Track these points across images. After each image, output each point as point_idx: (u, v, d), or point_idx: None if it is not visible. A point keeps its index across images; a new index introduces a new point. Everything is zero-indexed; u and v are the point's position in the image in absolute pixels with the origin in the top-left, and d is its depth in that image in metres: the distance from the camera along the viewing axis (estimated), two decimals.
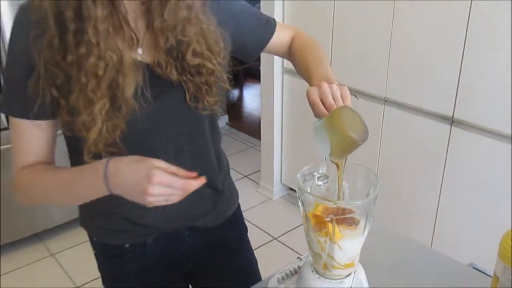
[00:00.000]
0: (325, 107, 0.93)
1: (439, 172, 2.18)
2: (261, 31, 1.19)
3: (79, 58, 0.87)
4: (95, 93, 0.88)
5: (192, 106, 1.02)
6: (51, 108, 0.93)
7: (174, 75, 0.98)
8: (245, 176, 3.37)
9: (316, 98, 0.94)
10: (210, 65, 1.00)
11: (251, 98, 4.88)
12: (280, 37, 1.21)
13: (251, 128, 3.95)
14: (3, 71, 0.98)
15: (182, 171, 0.90)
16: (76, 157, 1.00)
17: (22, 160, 1.01)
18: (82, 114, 0.90)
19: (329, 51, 2.51)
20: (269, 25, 1.20)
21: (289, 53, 1.23)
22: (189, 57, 0.98)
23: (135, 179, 0.87)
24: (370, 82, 2.37)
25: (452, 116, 2.08)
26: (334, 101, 0.93)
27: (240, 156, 3.71)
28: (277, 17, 2.71)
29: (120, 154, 0.94)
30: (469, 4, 1.90)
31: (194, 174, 0.92)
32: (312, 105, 0.94)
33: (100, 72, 0.88)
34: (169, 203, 0.89)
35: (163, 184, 0.86)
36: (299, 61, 1.17)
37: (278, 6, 2.72)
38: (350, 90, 0.99)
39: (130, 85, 0.91)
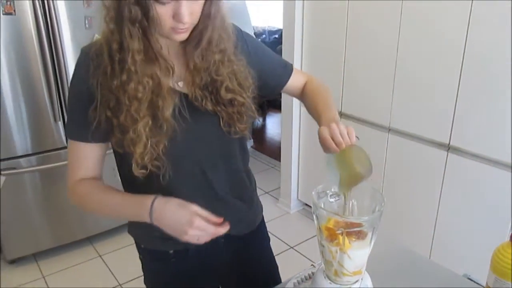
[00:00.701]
0: (334, 143, 0.93)
1: (437, 193, 2.14)
2: (281, 73, 1.20)
3: (123, 83, 0.90)
4: (138, 113, 0.92)
5: (225, 131, 1.04)
6: (105, 129, 0.96)
7: (209, 107, 1.00)
8: (266, 193, 3.37)
9: (327, 135, 0.94)
10: (241, 99, 1.02)
11: (273, 125, 4.89)
12: (295, 80, 1.21)
13: (272, 151, 3.95)
14: (67, 104, 1.03)
15: (213, 218, 0.96)
16: (126, 171, 1.02)
17: (77, 174, 1.04)
18: (129, 131, 0.92)
19: (341, 86, 2.51)
20: (287, 69, 1.21)
21: (302, 95, 1.23)
22: (222, 92, 1.00)
23: (178, 222, 0.94)
24: (376, 113, 2.35)
25: (449, 143, 2.05)
26: (342, 138, 0.93)
27: (263, 175, 3.69)
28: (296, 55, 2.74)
29: (164, 167, 0.97)
30: (464, 39, 1.88)
31: (221, 220, 0.98)
32: (323, 141, 0.94)
33: (140, 95, 0.91)
34: (199, 242, 0.96)
35: (200, 229, 0.93)
36: (310, 103, 1.17)
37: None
38: (359, 119, 0.99)
39: (168, 106, 0.94)
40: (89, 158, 1.04)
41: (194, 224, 0.92)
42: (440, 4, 1.95)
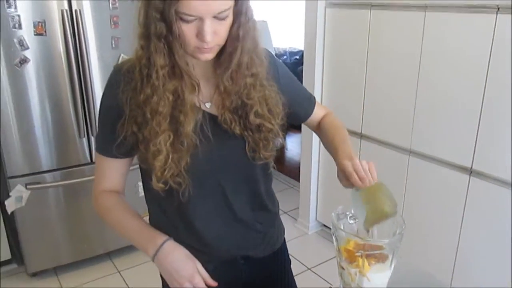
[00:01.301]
0: (358, 177, 0.95)
1: (459, 217, 2.10)
2: (306, 105, 1.21)
3: (147, 97, 0.92)
4: (159, 126, 0.93)
5: (250, 156, 1.03)
6: (131, 144, 0.98)
7: (236, 130, 1.01)
8: (285, 213, 3.36)
9: (351, 170, 0.95)
10: (269, 125, 1.02)
11: (292, 145, 4.89)
12: (316, 113, 1.22)
13: (292, 171, 3.94)
14: (98, 118, 1.06)
15: (211, 281, 1.02)
16: (149, 186, 1.04)
17: (101, 185, 1.09)
18: (151, 144, 0.94)
19: (361, 107, 2.51)
20: (312, 101, 1.22)
21: (319, 127, 1.23)
22: (251, 117, 1.00)
23: (179, 271, 0.99)
24: (397, 134, 2.34)
25: (471, 167, 2.02)
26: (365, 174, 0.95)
27: (281, 195, 3.68)
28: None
29: (184, 184, 0.97)
30: (488, 58, 1.87)
31: (215, 284, 1.03)
32: (348, 176, 0.95)
33: (161, 109, 0.92)
34: None
35: (196, 286, 0.99)
36: (326, 136, 1.17)
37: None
38: (379, 141, 0.99)
39: (189, 122, 0.94)
40: (112, 171, 1.08)
41: (194, 281, 0.98)
42: (463, 18, 1.94)
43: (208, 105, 1.01)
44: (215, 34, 0.88)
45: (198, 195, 1.03)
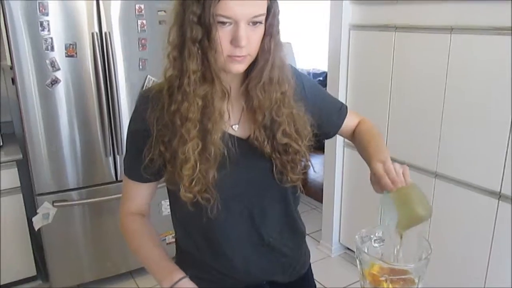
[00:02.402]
0: (389, 179, 0.92)
1: (487, 243, 2.04)
2: (336, 118, 1.19)
3: (178, 105, 0.92)
4: (188, 133, 0.92)
5: (277, 178, 1.03)
6: (158, 166, 0.99)
7: (267, 149, 1.00)
8: (308, 234, 3.31)
9: (382, 172, 0.93)
10: (296, 146, 1.01)
11: (315, 166, 4.86)
12: (349, 122, 1.21)
13: (314, 192, 3.91)
14: (126, 142, 1.08)
15: None
16: (176, 208, 1.06)
17: (127, 207, 1.10)
18: (178, 154, 0.93)
19: (386, 128, 2.49)
20: (342, 112, 1.20)
21: (353, 135, 1.21)
22: (279, 136, 0.99)
23: None
24: (423, 157, 2.30)
25: (500, 191, 1.97)
26: (397, 176, 0.92)
27: (304, 216, 3.59)
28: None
29: (213, 199, 0.96)
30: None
31: None
32: (378, 179, 0.93)
33: (191, 115, 0.92)
34: None
35: None
36: (361, 143, 1.15)
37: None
38: (404, 163, 0.98)
39: (218, 130, 0.94)
40: (138, 194, 1.09)
41: None
42: (488, 39, 1.92)
43: (235, 127, 1.01)
44: (249, 41, 0.88)
45: (225, 217, 1.02)
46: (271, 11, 0.91)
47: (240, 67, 0.91)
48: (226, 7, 0.84)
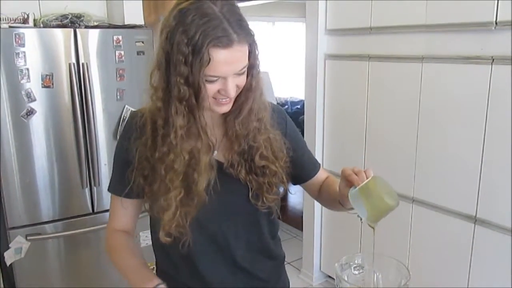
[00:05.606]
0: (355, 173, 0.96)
1: (465, 267, 2.06)
2: (311, 165, 1.20)
3: (163, 155, 0.95)
4: (172, 183, 0.95)
5: (253, 203, 1.04)
6: (138, 192, 1.01)
7: (242, 174, 1.03)
8: (288, 263, 3.28)
9: (350, 171, 0.97)
10: (273, 167, 1.04)
11: (295, 194, 4.88)
12: (320, 175, 1.21)
13: (294, 220, 3.90)
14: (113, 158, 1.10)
15: None
16: (154, 232, 1.06)
17: (113, 224, 1.13)
18: (160, 199, 0.96)
19: (362, 153, 2.52)
20: (316, 166, 1.21)
21: (319, 190, 1.21)
22: (257, 159, 1.03)
23: None
24: (400, 182, 2.33)
25: (475, 215, 2.00)
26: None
27: (284, 244, 3.60)
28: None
29: (186, 235, 0.98)
30: (486, 105, 1.89)
31: None
32: (347, 177, 0.96)
33: (176, 166, 0.94)
34: None
35: None
36: (328, 184, 1.17)
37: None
38: None
39: (203, 181, 0.96)
40: (122, 211, 1.10)
41: None
42: (459, 69, 1.99)
43: (215, 153, 1.03)
44: (237, 87, 0.93)
45: (202, 241, 1.03)
46: (252, 54, 0.94)
47: (226, 108, 0.96)
48: (215, 68, 0.87)
